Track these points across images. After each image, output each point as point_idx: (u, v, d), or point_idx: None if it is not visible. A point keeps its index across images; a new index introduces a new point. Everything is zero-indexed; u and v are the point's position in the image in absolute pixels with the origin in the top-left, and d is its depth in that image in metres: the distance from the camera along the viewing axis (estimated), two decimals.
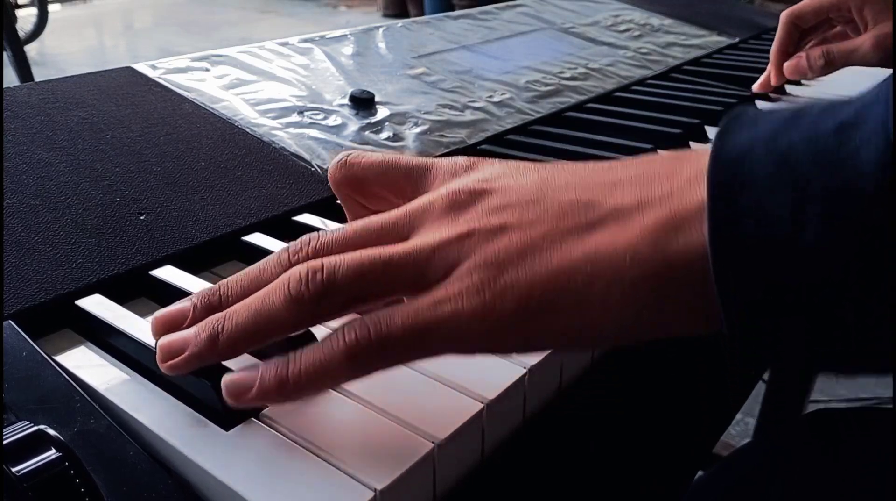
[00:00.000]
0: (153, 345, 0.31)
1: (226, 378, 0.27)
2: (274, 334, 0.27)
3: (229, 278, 0.30)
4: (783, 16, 0.72)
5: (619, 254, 0.24)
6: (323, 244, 0.29)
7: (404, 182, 0.32)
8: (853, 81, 0.71)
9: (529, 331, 0.25)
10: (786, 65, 0.71)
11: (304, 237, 0.29)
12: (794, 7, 0.72)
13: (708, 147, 0.24)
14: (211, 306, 0.29)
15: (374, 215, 0.29)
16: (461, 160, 0.31)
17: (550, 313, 0.25)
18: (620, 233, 0.25)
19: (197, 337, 0.27)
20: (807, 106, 0.24)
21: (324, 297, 0.26)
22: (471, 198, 0.28)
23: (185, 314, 0.29)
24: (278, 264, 0.29)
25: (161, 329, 0.29)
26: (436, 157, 0.33)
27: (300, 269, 0.26)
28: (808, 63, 0.70)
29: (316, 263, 0.27)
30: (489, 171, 0.30)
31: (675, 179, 0.25)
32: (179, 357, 0.27)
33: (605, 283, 0.24)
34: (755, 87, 0.76)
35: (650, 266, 0.24)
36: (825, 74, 0.70)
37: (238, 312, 0.27)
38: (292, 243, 0.29)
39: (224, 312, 0.27)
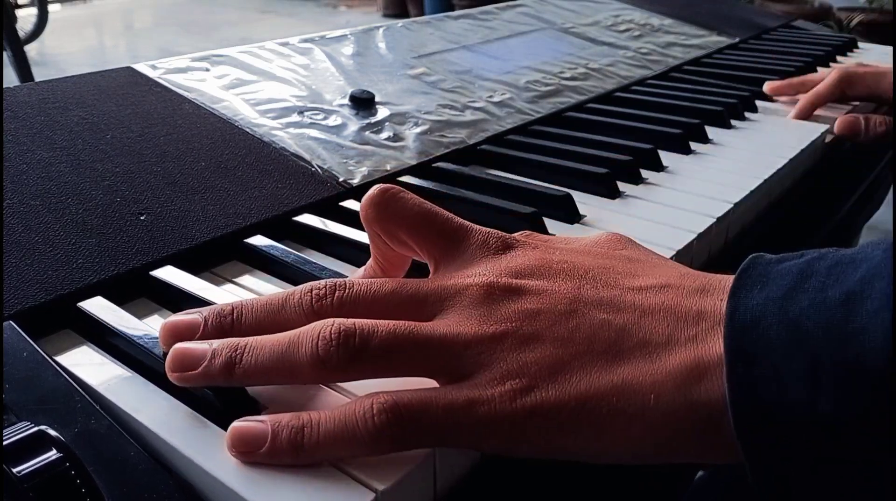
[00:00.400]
0: (154, 345, 0.31)
1: (235, 427, 0.26)
2: (289, 382, 0.28)
3: (244, 302, 0.30)
4: (836, 76, 0.70)
5: (644, 392, 0.25)
6: (350, 299, 0.29)
7: (434, 242, 0.32)
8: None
9: (549, 445, 0.26)
10: (840, 121, 0.68)
11: (330, 283, 0.29)
12: (853, 73, 0.70)
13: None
14: (223, 327, 0.29)
15: (405, 281, 0.30)
16: (496, 238, 0.31)
17: (572, 434, 0.26)
18: (647, 370, 0.26)
19: (213, 360, 0.27)
20: (815, 260, 0.26)
21: (352, 363, 0.26)
22: (506, 296, 0.28)
23: (194, 328, 0.29)
24: (299, 306, 0.29)
25: (170, 340, 0.29)
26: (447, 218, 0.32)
27: (331, 328, 0.26)
28: (866, 127, 0.67)
29: (349, 326, 0.26)
30: (524, 261, 0.30)
31: (701, 323, 0.26)
32: (190, 373, 0.27)
33: (628, 417, 0.25)
34: (767, 87, 0.75)
35: (673, 409, 0.25)
36: (877, 142, 0.68)
37: (260, 349, 0.27)
38: (315, 284, 0.29)
39: (245, 343, 0.28)
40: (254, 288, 0.39)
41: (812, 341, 0.23)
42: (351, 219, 0.45)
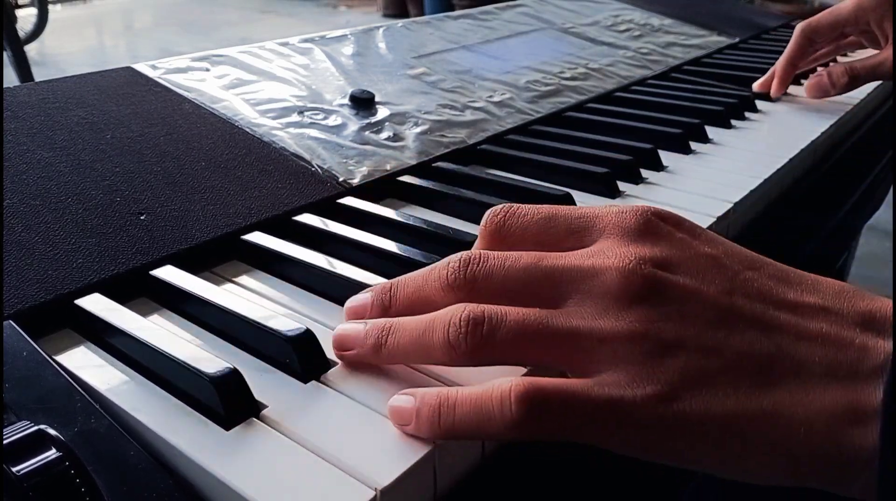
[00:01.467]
0: (153, 345, 0.31)
1: (391, 405, 0.28)
2: (426, 363, 0.29)
3: (400, 278, 0.31)
4: (799, 29, 0.70)
5: (794, 424, 0.24)
6: (483, 273, 0.28)
7: (565, 237, 0.30)
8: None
9: (682, 457, 0.25)
10: (807, 83, 0.69)
11: (465, 256, 0.29)
12: (811, 21, 0.70)
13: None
14: (383, 303, 0.31)
15: (539, 258, 0.28)
16: (631, 217, 0.29)
17: (712, 451, 0.25)
18: (800, 400, 0.24)
19: (364, 341, 0.30)
20: None
21: (480, 350, 0.27)
22: (647, 289, 0.26)
23: (365, 307, 0.32)
24: (438, 280, 0.29)
25: (350, 318, 0.32)
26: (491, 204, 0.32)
27: (462, 315, 0.27)
28: (831, 81, 0.68)
29: (478, 313, 0.27)
30: (668, 250, 0.28)
31: (865, 361, 0.25)
32: (348, 353, 0.30)
33: (773, 445, 0.24)
34: (755, 86, 0.76)
35: (822, 448, 0.24)
36: (848, 91, 0.68)
37: (401, 332, 0.29)
38: (454, 257, 0.29)
39: (390, 326, 0.29)
40: (254, 288, 0.39)
41: None
42: (351, 218, 0.45)
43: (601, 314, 0.26)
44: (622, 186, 0.52)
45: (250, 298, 0.38)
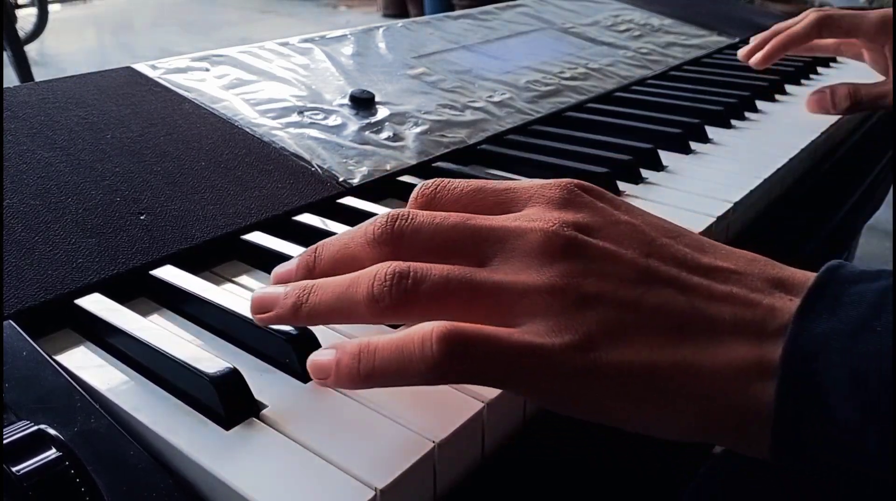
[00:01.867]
0: (153, 345, 0.31)
1: (310, 359, 0.29)
2: (348, 321, 0.29)
3: (325, 240, 0.31)
4: (814, 16, 0.68)
5: (703, 376, 0.25)
6: (411, 229, 0.29)
7: (492, 207, 0.31)
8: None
9: (598, 408, 0.26)
10: (809, 97, 0.67)
11: (393, 213, 0.29)
12: (831, 13, 0.68)
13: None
14: (308, 265, 0.31)
15: (467, 218, 0.29)
16: (555, 187, 0.30)
17: (628, 403, 0.26)
18: (710, 354, 0.25)
19: (283, 301, 0.29)
20: (888, 290, 0.25)
21: (404, 304, 0.27)
22: (567, 247, 0.27)
23: (290, 272, 0.31)
24: (364, 236, 0.29)
25: (276, 283, 0.31)
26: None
27: (387, 270, 0.27)
28: (833, 101, 0.66)
29: (403, 268, 0.27)
30: (589, 216, 0.29)
31: (772, 319, 0.26)
32: (265, 314, 0.30)
33: (686, 398, 0.25)
34: (741, 54, 0.74)
35: (727, 398, 0.25)
36: (847, 115, 0.67)
37: (323, 290, 0.28)
38: (379, 216, 0.29)
39: (312, 285, 0.29)
40: (254, 288, 0.39)
41: (871, 392, 0.23)
42: (351, 218, 0.45)
43: (523, 270, 0.27)
44: (622, 186, 0.52)
45: (250, 297, 0.38)
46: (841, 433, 0.23)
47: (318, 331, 0.32)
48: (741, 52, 0.74)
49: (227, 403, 0.28)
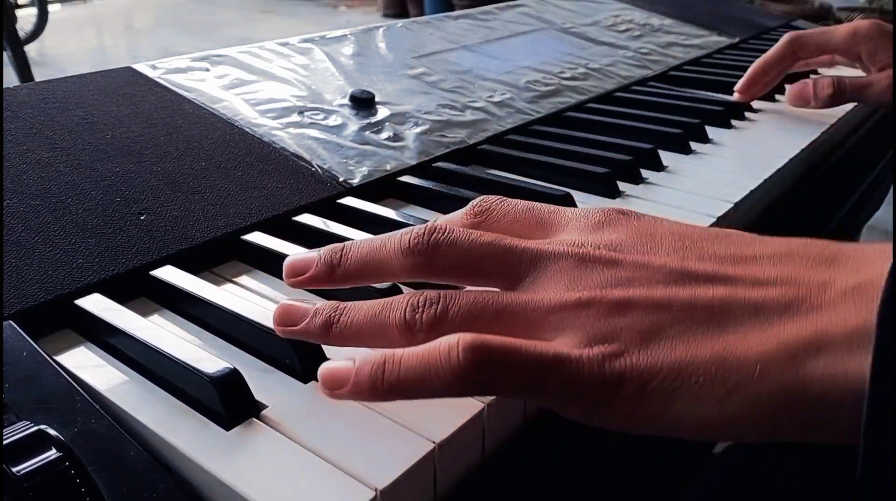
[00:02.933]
0: (153, 345, 0.31)
1: (323, 367, 0.28)
2: (380, 345, 0.28)
3: (353, 241, 0.31)
4: (786, 37, 0.68)
5: (748, 362, 0.23)
6: (448, 243, 0.29)
7: (534, 229, 0.31)
8: None
9: (635, 415, 0.24)
10: (789, 90, 0.67)
11: (430, 225, 0.29)
12: (801, 34, 0.68)
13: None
14: (331, 263, 0.30)
15: (500, 237, 0.29)
16: (595, 211, 0.30)
17: (663, 404, 0.24)
18: (755, 338, 0.24)
19: (313, 319, 0.29)
20: None
21: (435, 329, 0.27)
22: (597, 264, 0.27)
23: (310, 262, 0.31)
24: (399, 244, 0.29)
25: (289, 276, 0.31)
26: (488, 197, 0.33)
27: (420, 296, 0.27)
28: (815, 91, 0.65)
29: (433, 294, 0.27)
30: (624, 235, 0.29)
31: (828, 291, 0.24)
32: (292, 327, 0.29)
33: (728, 389, 0.23)
34: (738, 91, 0.74)
35: (781, 384, 0.23)
36: (829, 107, 0.66)
37: (356, 311, 0.28)
38: (417, 226, 0.29)
39: (345, 305, 0.29)
40: (254, 288, 0.39)
41: None
42: (351, 218, 0.45)
43: (553, 287, 0.27)
44: (622, 186, 0.52)
45: (250, 298, 0.38)
46: None
47: None
48: (738, 91, 0.74)
49: (228, 403, 0.28)
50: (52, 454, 0.24)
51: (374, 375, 0.26)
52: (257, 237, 0.41)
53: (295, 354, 0.31)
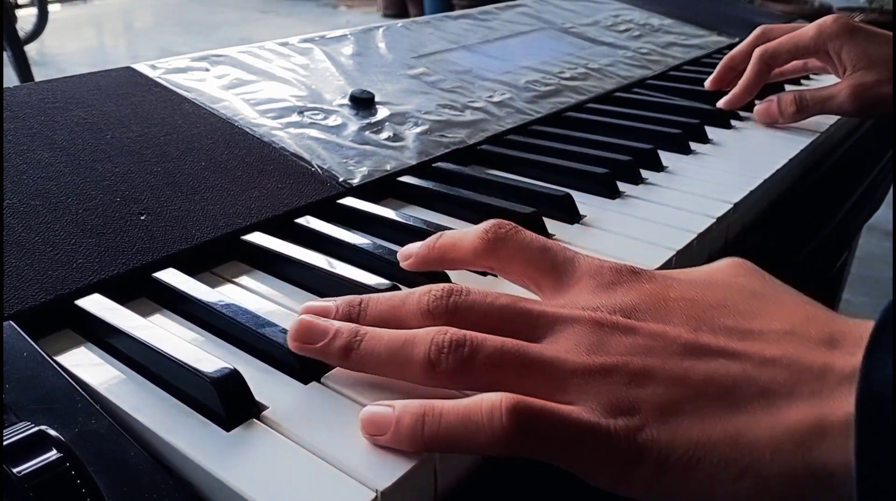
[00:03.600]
0: (153, 345, 0.31)
1: (365, 411, 0.28)
2: (399, 377, 0.29)
3: (371, 295, 0.31)
4: (756, 54, 0.68)
5: (760, 447, 0.24)
6: (465, 305, 0.29)
7: (546, 273, 0.32)
8: None
9: (651, 489, 0.25)
10: (756, 109, 0.67)
11: (447, 287, 0.30)
12: (769, 46, 0.68)
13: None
14: (350, 315, 0.31)
15: (517, 299, 0.30)
16: (607, 269, 0.31)
17: (679, 481, 0.25)
18: (765, 422, 0.25)
19: (334, 339, 0.29)
20: None
21: (459, 372, 0.27)
22: (615, 330, 0.28)
23: (327, 312, 0.31)
24: (417, 304, 0.30)
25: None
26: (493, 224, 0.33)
27: (446, 336, 0.27)
28: (780, 109, 0.66)
29: (460, 336, 0.27)
30: (637, 298, 0.29)
31: (827, 377, 0.25)
32: (310, 345, 0.29)
33: (740, 470, 0.24)
34: (708, 86, 0.74)
35: (790, 467, 0.24)
36: (796, 121, 0.66)
37: (378, 340, 0.29)
38: (435, 286, 0.30)
39: (366, 331, 0.29)
40: (254, 288, 0.39)
41: None
42: (351, 218, 0.45)
43: (574, 350, 0.28)
44: (622, 186, 0.52)
45: (250, 298, 0.38)
46: None
47: None
48: (708, 85, 0.74)
49: (228, 404, 0.28)
50: (53, 454, 0.24)
51: (413, 427, 0.26)
52: (257, 237, 0.41)
53: (295, 355, 0.31)
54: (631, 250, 0.43)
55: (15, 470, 0.23)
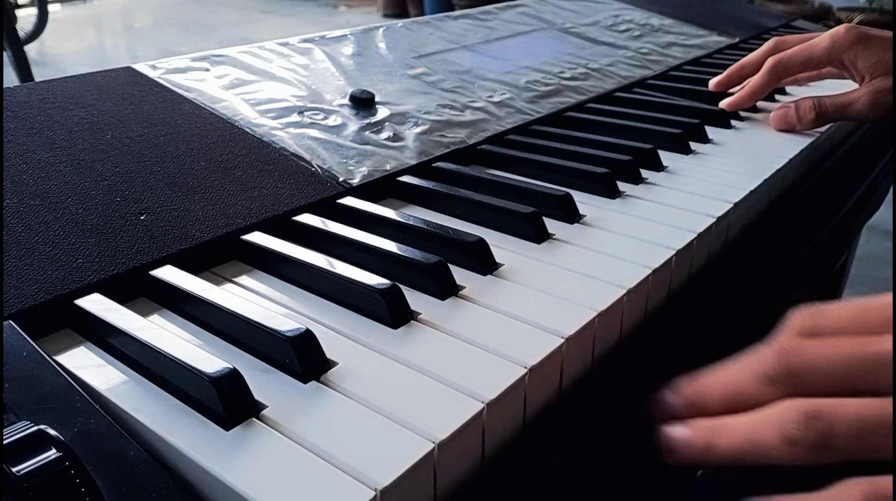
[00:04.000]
0: (153, 345, 0.31)
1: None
2: (760, 462, 0.27)
3: (704, 381, 0.30)
4: (769, 64, 0.67)
5: None
6: (807, 366, 0.27)
7: (882, 326, 0.28)
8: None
9: None
10: (773, 114, 0.67)
11: (780, 348, 0.28)
12: (782, 57, 0.67)
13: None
14: (695, 407, 0.30)
15: (862, 343, 0.27)
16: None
17: None
18: None
19: (693, 442, 0.29)
20: None
21: (821, 448, 0.26)
22: None
23: (668, 407, 0.31)
24: (755, 374, 0.28)
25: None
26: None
27: (796, 411, 0.26)
28: (798, 115, 0.65)
29: (810, 408, 0.26)
30: None
31: None
32: (683, 453, 0.29)
33: None
34: (711, 86, 0.74)
35: None
36: (814, 128, 0.65)
37: (730, 432, 0.28)
38: (766, 352, 0.28)
39: (713, 426, 0.29)
40: (254, 288, 0.39)
41: None
42: (351, 218, 0.45)
43: None
44: (622, 186, 0.52)
45: (250, 298, 0.38)
46: None
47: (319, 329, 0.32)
48: (712, 85, 0.74)
49: (227, 403, 0.28)
50: (52, 454, 0.24)
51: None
52: (257, 237, 0.41)
53: (294, 354, 0.31)
54: (631, 250, 0.43)
55: (14, 470, 0.23)
